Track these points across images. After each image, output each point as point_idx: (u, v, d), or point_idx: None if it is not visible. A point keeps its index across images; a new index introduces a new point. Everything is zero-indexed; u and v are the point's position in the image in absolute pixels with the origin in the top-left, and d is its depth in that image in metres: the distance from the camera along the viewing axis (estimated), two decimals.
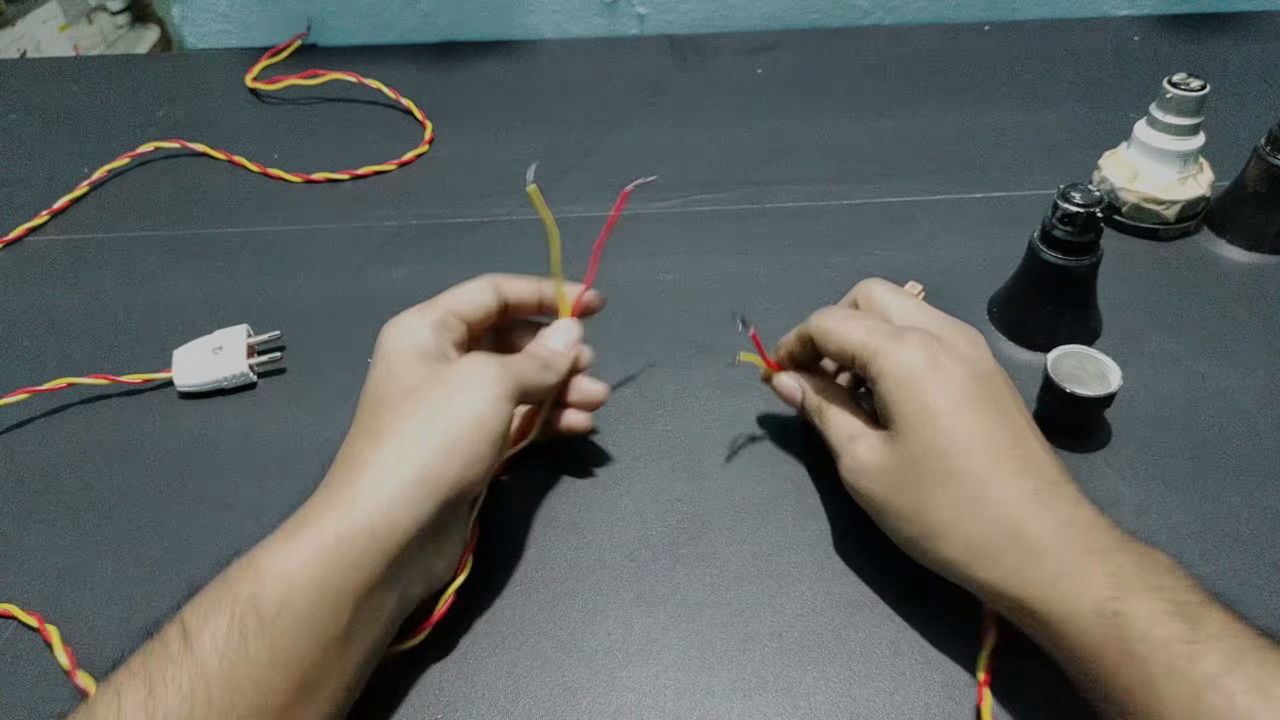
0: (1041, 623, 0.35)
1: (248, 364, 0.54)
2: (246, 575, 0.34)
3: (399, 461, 0.36)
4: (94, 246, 0.65)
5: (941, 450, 0.37)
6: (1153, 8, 0.89)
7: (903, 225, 0.65)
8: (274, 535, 0.36)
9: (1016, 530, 0.35)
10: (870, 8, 0.89)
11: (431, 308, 0.43)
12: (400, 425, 0.37)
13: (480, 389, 0.38)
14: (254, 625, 0.32)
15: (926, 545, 0.38)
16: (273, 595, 0.33)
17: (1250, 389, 0.52)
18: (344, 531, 0.35)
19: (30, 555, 0.46)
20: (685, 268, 0.61)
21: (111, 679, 0.32)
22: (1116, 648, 0.32)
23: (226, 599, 0.33)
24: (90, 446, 0.51)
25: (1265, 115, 0.61)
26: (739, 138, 0.74)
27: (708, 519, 0.46)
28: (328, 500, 0.36)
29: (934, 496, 0.37)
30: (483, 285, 0.45)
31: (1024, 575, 0.35)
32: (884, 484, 0.40)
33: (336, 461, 0.39)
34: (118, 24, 1.28)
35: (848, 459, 0.42)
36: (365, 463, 0.37)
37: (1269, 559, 0.44)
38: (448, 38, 0.89)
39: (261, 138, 0.76)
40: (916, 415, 0.38)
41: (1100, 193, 0.50)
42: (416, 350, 0.40)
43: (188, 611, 0.33)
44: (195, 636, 0.32)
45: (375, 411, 0.39)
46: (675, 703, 0.39)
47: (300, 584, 0.34)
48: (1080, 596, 0.33)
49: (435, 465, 0.37)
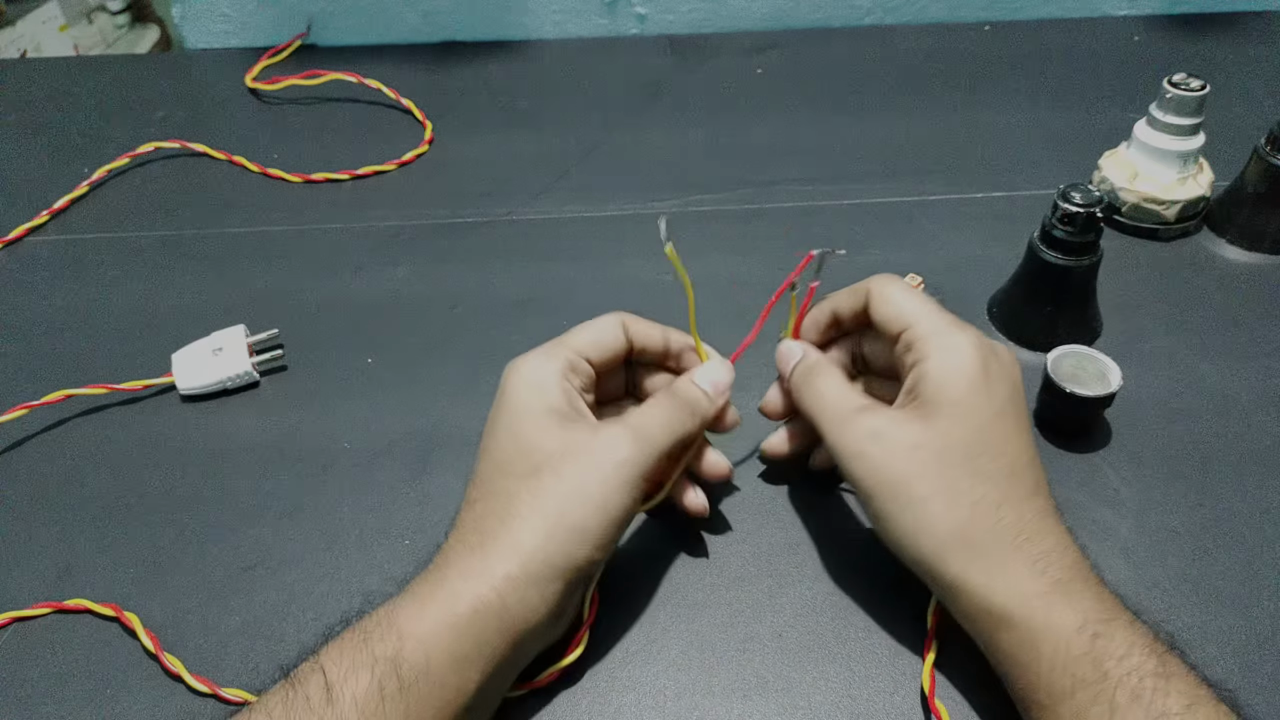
0: (1020, 632, 0.35)
1: (251, 363, 0.54)
2: (387, 636, 0.34)
3: (531, 545, 0.36)
4: (94, 246, 0.65)
5: (977, 447, 0.37)
6: (1153, 8, 0.89)
7: (903, 225, 0.65)
8: (411, 592, 0.36)
9: (1024, 542, 0.36)
10: (870, 8, 0.89)
11: (559, 350, 0.41)
12: (533, 506, 0.37)
13: (612, 474, 0.37)
14: (393, 689, 0.33)
15: (920, 536, 0.37)
16: (411, 660, 0.34)
17: (1250, 389, 0.52)
18: (478, 608, 0.35)
19: (40, 561, 0.46)
20: (685, 268, 0.61)
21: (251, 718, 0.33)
22: (1090, 666, 0.33)
23: (367, 658, 0.34)
24: (96, 457, 0.51)
25: (1265, 115, 0.61)
26: (739, 138, 0.74)
27: (708, 519, 0.46)
28: (461, 569, 0.36)
29: (953, 488, 0.37)
30: (612, 325, 0.43)
31: (1020, 585, 0.35)
32: (902, 461, 0.37)
33: (464, 522, 0.38)
34: (118, 24, 1.28)
35: (857, 429, 0.39)
36: (495, 538, 0.37)
37: (1269, 559, 0.44)
38: (448, 38, 0.89)
39: (261, 138, 0.76)
40: (960, 405, 0.37)
41: (1100, 193, 0.50)
42: (548, 410, 0.39)
43: (328, 662, 0.34)
44: (336, 691, 0.33)
45: (505, 481, 0.38)
46: (675, 703, 0.39)
47: (436, 653, 0.34)
48: (1069, 612, 0.34)
49: (565, 551, 0.36)
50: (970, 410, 0.37)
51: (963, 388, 0.38)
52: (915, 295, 0.41)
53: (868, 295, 0.42)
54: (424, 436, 0.51)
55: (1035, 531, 0.36)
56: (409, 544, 0.46)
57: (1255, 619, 0.41)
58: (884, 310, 0.41)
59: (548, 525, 0.36)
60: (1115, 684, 0.32)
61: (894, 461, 0.38)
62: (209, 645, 0.42)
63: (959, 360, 0.38)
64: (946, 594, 0.37)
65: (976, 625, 0.37)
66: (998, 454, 0.37)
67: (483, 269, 0.63)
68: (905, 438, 0.38)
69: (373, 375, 0.55)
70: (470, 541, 0.37)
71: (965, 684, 0.39)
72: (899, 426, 0.38)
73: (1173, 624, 0.41)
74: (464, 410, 0.52)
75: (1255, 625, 0.41)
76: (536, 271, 0.62)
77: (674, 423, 0.40)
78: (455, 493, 0.47)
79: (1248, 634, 0.41)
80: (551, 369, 0.40)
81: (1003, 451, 0.37)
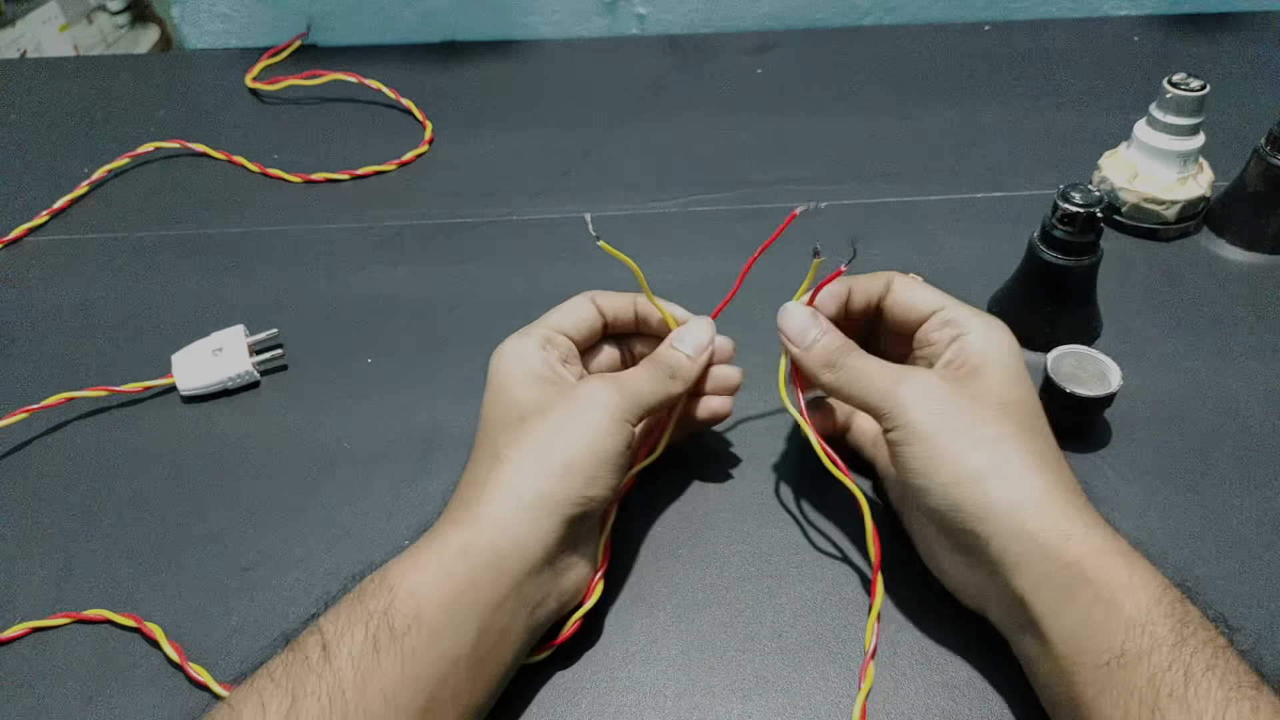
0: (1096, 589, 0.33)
1: (251, 363, 0.54)
2: (379, 590, 0.35)
3: (518, 482, 0.37)
4: (94, 246, 0.65)
5: (1031, 407, 0.39)
6: (1153, 8, 0.89)
7: (903, 225, 0.65)
8: (405, 551, 0.37)
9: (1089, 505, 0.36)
10: (870, 8, 0.89)
11: (535, 328, 0.43)
12: (519, 447, 0.38)
13: (596, 413, 0.39)
14: (386, 639, 0.33)
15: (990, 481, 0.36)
16: (403, 610, 0.34)
17: (1250, 389, 0.52)
18: (467, 549, 0.36)
19: (40, 562, 0.46)
20: (685, 268, 0.61)
21: (253, 684, 0.33)
22: (1171, 628, 0.32)
23: (360, 613, 0.34)
24: (97, 459, 0.51)
25: (1265, 115, 0.61)
26: (739, 138, 0.74)
27: (708, 519, 0.46)
28: (451, 520, 0.37)
29: (1020, 437, 0.37)
30: (582, 302, 0.45)
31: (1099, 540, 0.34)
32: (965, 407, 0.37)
33: (460, 484, 0.40)
34: (118, 24, 1.28)
35: (913, 381, 0.38)
36: (485, 484, 0.38)
37: (1269, 559, 0.44)
38: (448, 38, 0.89)
39: (261, 138, 0.76)
40: (1010, 370, 0.39)
41: (1100, 193, 0.50)
42: (529, 373, 0.41)
43: (325, 623, 0.34)
44: (333, 648, 0.33)
45: (493, 435, 0.39)
46: (675, 703, 0.39)
47: (427, 600, 0.34)
48: (1153, 574, 0.34)
49: (555, 486, 0.37)
50: (1018, 377, 0.39)
51: (1009, 366, 0.39)
52: (935, 290, 0.43)
53: (889, 284, 0.43)
54: (424, 436, 0.51)
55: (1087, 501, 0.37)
56: (409, 544, 0.46)
57: (1255, 619, 0.41)
58: (911, 296, 0.42)
59: (534, 463, 0.37)
60: (1193, 651, 0.31)
61: (957, 405, 0.38)
62: (209, 645, 0.42)
63: (1002, 335, 0.40)
64: (1007, 555, 0.35)
65: (1041, 590, 0.34)
66: (1044, 427, 0.39)
67: (483, 269, 0.63)
68: (965, 389, 0.38)
69: (373, 375, 0.55)
70: (462, 495, 0.38)
71: None
72: (955, 380, 0.39)
73: None
74: (464, 410, 0.52)
75: (1255, 625, 0.41)
76: (536, 271, 0.62)
77: (656, 383, 0.42)
78: None
79: (1248, 634, 0.41)
80: (529, 342, 0.42)
81: (1045, 430, 0.39)
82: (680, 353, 0.43)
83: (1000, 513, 0.36)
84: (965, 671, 0.40)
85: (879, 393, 0.39)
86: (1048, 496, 0.36)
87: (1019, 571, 0.35)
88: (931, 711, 0.39)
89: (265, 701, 0.32)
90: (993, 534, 0.36)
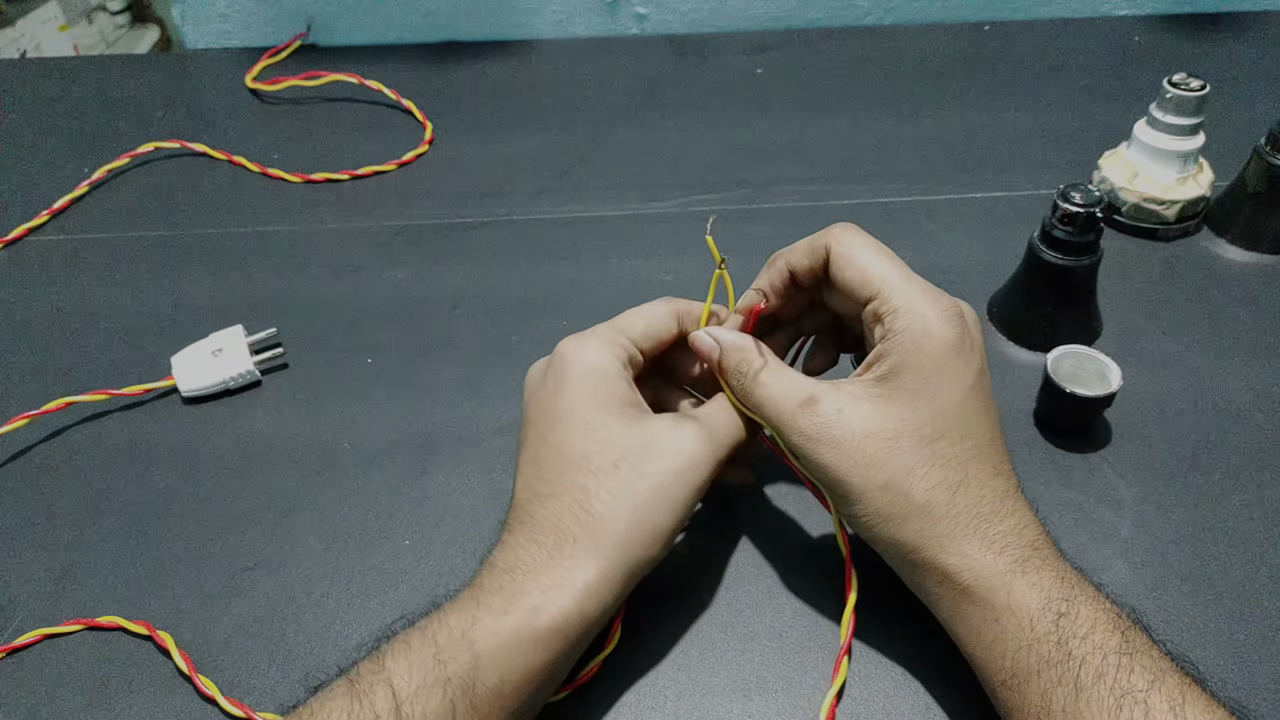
0: (984, 611, 0.35)
1: (252, 362, 0.54)
2: (460, 654, 0.33)
3: (611, 547, 0.35)
4: (94, 246, 0.65)
5: (939, 430, 0.36)
6: (1153, 8, 0.89)
7: (903, 225, 0.65)
8: (485, 604, 0.34)
9: (982, 522, 0.35)
10: (870, 8, 0.89)
11: (618, 339, 0.40)
12: (616, 504, 0.36)
13: (693, 479, 0.37)
14: (464, 709, 0.32)
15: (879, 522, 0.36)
16: (486, 682, 0.33)
17: (1250, 389, 0.52)
18: (560, 621, 0.34)
19: (41, 562, 0.46)
20: (685, 268, 0.61)
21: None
22: (1054, 645, 0.33)
23: (439, 676, 0.32)
24: (98, 463, 0.51)
25: (1265, 115, 0.61)
26: (739, 138, 0.74)
27: (706, 518, 0.46)
28: (539, 579, 0.35)
29: (911, 474, 0.36)
30: (666, 315, 0.41)
31: (981, 565, 0.35)
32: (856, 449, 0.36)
33: (538, 518, 0.36)
34: (118, 24, 1.28)
35: (807, 422, 0.37)
36: (575, 540, 0.35)
37: (1269, 559, 0.44)
38: (448, 38, 0.89)
39: (261, 138, 0.76)
40: (927, 388, 0.36)
41: (1100, 193, 0.50)
42: (619, 401, 0.38)
43: (396, 677, 0.32)
44: (407, 710, 0.32)
45: (582, 475, 0.36)
46: (675, 703, 0.39)
47: (512, 673, 0.33)
48: (1031, 591, 0.34)
49: (641, 552, 0.36)
50: (936, 394, 0.36)
51: (928, 371, 0.36)
52: (881, 254, 0.39)
53: (827, 252, 0.39)
54: (424, 436, 0.51)
55: (994, 512, 0.36)
56: (409, 544, 0.46)
57: (1255, 619, 0.41)
58: (847, 274, 0.38)
59: (629, 525, 0.36)
60: (1079, 663, 0.32)
61: (849, 449, 0.36)
62: (209, 645, 0.42)
63: (930, 343, 0.36)
64: (912, 578, 0.37)
65: (941, 607, 0.37)
66: (961, 436, 0.36)
67: (483, 269, 0.63)
68: (860, 423, 0.36)
69: (373, 375, 0.55)
70: (546, 543, 0.36)
71: None
72: (855, 407, 0.36)
73: (1173, 624, 0.41)
74: (464, 410, 0.52)
75: (1255, 625, 0.41)
76: (536, 271, 0.62)
77: (738, 424, 0.40)
78: (455, 493, 0.48)
79: (1248, 634, 0.41)
80: (614, 359, 0.39)
81: (967, 434, 0.36)
82: None
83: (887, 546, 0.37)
84: (964, 673, 0.40)
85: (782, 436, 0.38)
86: (924, 535, 0.36)
87: (918, 588, 0.38)
88: (931, 711, 0.39)
89: None
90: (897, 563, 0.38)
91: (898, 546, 0.37)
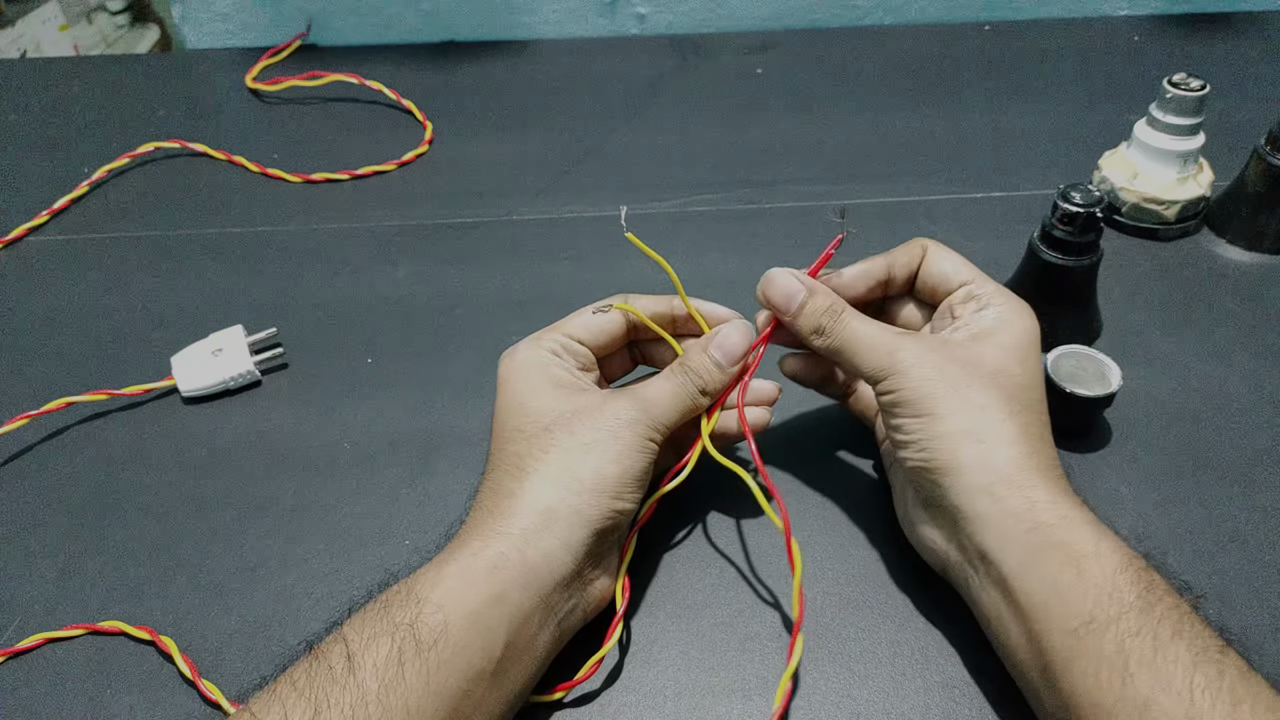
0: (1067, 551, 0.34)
1: (252, 361, 0.54)
2: (405, 602, 0.34)
3: (549, 495, 0.37)
4: (94, 246, 0.65)
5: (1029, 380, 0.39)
6: (1153, 8, 0.89)
7: (903, 225, 0.65)
8: (431, 562, 0.37)
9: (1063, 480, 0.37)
10: (870, 8, 0.89)
11: (548, 334, 0.42)
12: (547, 460, 0.38)
13: (624, 433, 0.38)
14: (411, 652, 0.33)
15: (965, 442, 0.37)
16: (429, 623, 0.34)
17: (1250, 389, 0.52)
18: (497, 563, 0.35)
19: (41, 563, 0.46)
20: (685, 268, 0.60)
21: (275, 691, 0.33)
22: (1137, 595, 0.32)
23: (386, 624, 0.34)
24: (99, 464, 0.51)
25: (1265, 115, 0.61)
26: (739, 138, 0.74)
27: (707, 519, 0.46)
28: (478, 531, 0.37)
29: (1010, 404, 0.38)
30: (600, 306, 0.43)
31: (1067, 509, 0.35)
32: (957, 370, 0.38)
33: (481, 492, 0.39)
34: (118, 24, 1.28)
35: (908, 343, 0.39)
36: (512, 495, 0.37)
37: (1269, 559, 0.44)
38: (448, 38, 0.89)
39: (261, 138, 0.76)
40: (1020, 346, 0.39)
41: (1100, 193, 0.50)
42: (549, 381, 0.40)
43: (350, 632, 0.34)
44: (358, 659, 0.33)
45: (514, 445, 0.39)
46: (675, 703, 0.39)
47: (454, 614, 0.34)
48: (1116, 543, 0.34)
49: (586, 500, 0.37)
50: (1022, 352, 0.39)
51: (1017, 332, 0.40)
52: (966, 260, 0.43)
53: (924, 252, 0.43)
54: (424, 436, 0.51)
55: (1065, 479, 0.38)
56: (409, 544, 0.46)
57: (1255, 619, 0.41)
58: (943, 268, 0.43)
59: (564, 477, 0.37)
60: (1159, 618, 0.32)
61: (949, 371, 0.38)
62: (209, 645, 0.42)
63: (1020, 313, 0.40)
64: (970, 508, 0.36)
65: (1008, 552, 0.35)
66: (1036, 407, 0.39)
67: (483, 269, 0.63)
68: (961, 354, 0.39)
69: (373, 375, 0.55)
70: (485, 505, 0.38)
71: None
72: (954, 346, 0.40)
73: None
74: (464, 410, 0.52)
75: (1255, 626, 0.41)
76: (536, 271, 0.62)
77: (681, 398, 0.40)
78: (456, 493, 0.48)
79: (1248, 634, 0.41)
80: (543, 350, 0.41)
81: (1038, 410, 0.39)
82: (711, 360, 0.41)
83: (967, 469, 0.37)
84: (964, 673, 0.40)
85: (874, 357, 0.39)
86: (1016, 464, 0.36)
87: (983, 527, 0.36)
88: (931, 711, 0.39)
89: (288, 711, 0.32)
90: (952, 487, 0.37)
91: (972, 475, 0.36)
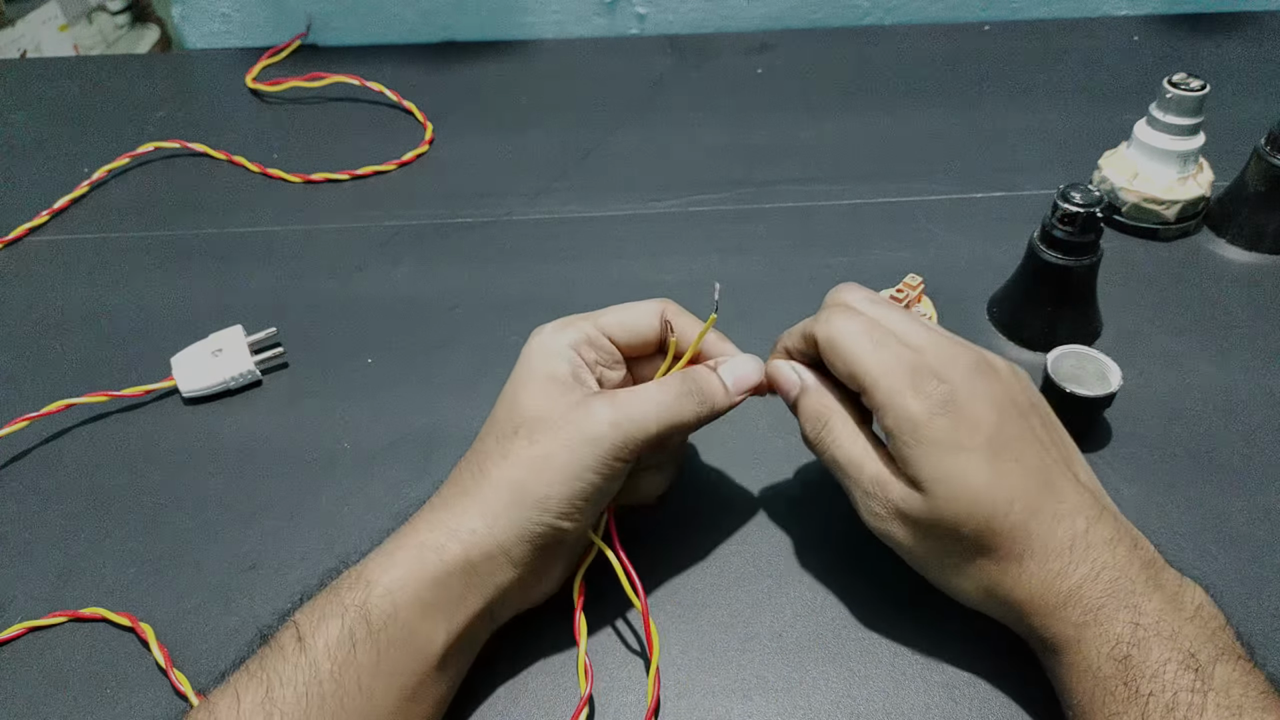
0: (1058, 659, 0.35)
1: (253, 361, 0.54)
2: (356, 585, 0.35)
3: (495, 504, 0.37)
4: (94, 246, 0.65)
5: (977, 521, 0.35)
6: (1153, 8, 0.89)
7: (903, 225, 0.65)
8: (383, 547, 0.37)
9: (1050, 587, 0.35)
10: (870, 8, 0.89)
11: (580, 323, 0.41)
12: (505, 467, 0.37)
13: (584, 451, 0.37)
14: (362, 633, 0.34)
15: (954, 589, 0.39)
16: (379, 606, 0.35)
17: (1250, 389, 0.52)
18: (445, 559, 0.36)
19: (41, 563, 0.46)
20: (685, 268, 0.61)
21: (229, 680, 0.33)
22: (1122, 685, 0.33)
23: (336, 606, 0.35)
24: (99, 465, 0.50)
25: (1265, 115, 0.61)
26: (739, 138, 0.74)
27: (706, 519, 0.46)
28: (430, 521, 0.38)
29: (969, 558, 0.37)
30: (647, 310, 0.41)
31: (1054, 620, 0.35)
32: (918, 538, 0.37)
33: (450, 478, 0.39)
34: (118, 24, 1.28)
35: (876, 505, 0.38)
36: (466, 493, 0.38)
37: (1269, 559, 0.44)
38: (448, 38, 0.89)
39: (261, 138, 0.76)
40: (944, 483, 0.35)
41: (1100, 193, 0.50)
42: (547, 375, 0.39)
43: (300, 617, 0.35)
44: (309, 640, 0.34)
45: (488, 439, 0.39)
46: (675, 703, 0.39)
47: (404, 599, 0.35)
48: (1098, 641, 0.34)
49: (528, 515, 0.37)
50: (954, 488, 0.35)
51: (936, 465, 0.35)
52: (868, 341, 0.37)
53: (817, 344, 0.39)
54: (424, 436, 0.51)
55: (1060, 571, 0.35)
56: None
57: (1255, 619, 0.41)
58: (836, 367, 0.38)
59: (512, 490, 0.37)
60: (1147, 699, 0.32)
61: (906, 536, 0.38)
62: (209, 645, 0.42)
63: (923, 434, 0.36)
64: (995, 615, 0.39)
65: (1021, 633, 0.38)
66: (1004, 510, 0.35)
67: (483, 269, 0.63)
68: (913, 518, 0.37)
69: (373, 375, 0.55)
70: (445, 494, 0.39)
71: None
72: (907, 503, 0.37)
73: None
74: (464, 410, 0.52)
75: (1255, 626, 0.41)
76: (536, 271, 0.62)
77: (674, 409, 0.38)
78: None
79: (1248, 635, 0.41)
80: (564, 338, 0.40)
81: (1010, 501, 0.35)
82: (719, 380, 0.40)
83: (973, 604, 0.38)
84: (964, 673, 0.40)
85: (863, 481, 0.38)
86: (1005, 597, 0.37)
87: None
88: (931, 711, 0.39)
89: (240, 693, 0.32)
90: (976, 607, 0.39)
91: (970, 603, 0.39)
